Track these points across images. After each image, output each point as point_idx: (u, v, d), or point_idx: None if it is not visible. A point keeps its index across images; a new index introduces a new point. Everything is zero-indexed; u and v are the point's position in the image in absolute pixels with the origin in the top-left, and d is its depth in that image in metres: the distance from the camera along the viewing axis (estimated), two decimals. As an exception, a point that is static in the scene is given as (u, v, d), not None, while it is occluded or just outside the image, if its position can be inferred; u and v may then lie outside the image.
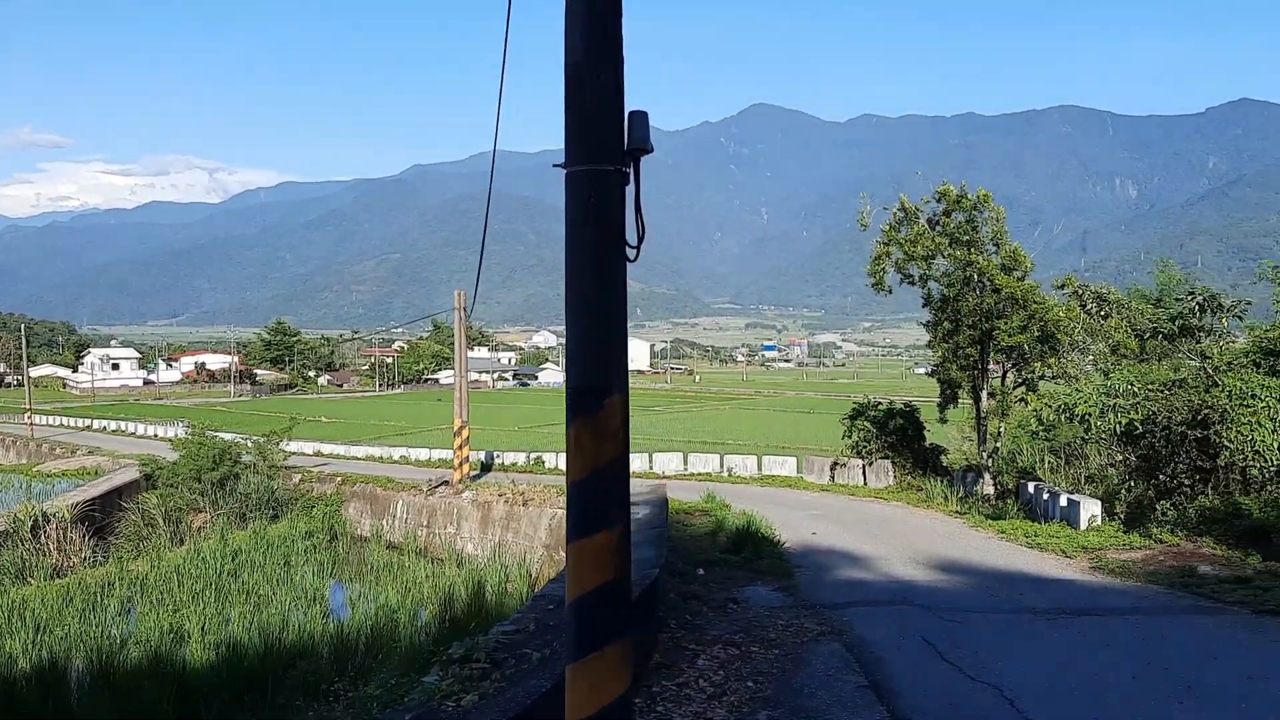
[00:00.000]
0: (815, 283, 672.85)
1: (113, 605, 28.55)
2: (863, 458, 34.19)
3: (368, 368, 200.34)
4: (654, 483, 31.63)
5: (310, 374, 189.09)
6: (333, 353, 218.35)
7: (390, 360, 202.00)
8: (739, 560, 17.91)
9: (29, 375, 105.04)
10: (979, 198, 27.96)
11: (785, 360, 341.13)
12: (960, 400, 31.14)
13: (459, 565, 34.53)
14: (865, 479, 33.61)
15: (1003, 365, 29.26)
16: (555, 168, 5.48)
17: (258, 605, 30.03)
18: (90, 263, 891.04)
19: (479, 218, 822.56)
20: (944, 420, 31.69)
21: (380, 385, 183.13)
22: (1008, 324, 26.78)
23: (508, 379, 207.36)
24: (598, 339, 5.54)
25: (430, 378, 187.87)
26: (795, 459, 38.19)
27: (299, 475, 48.01)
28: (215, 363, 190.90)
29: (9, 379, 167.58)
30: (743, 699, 8.92)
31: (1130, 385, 21.02)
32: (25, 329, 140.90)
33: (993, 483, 29.02)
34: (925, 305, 30.09)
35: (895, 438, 33.71)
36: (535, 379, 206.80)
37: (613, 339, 5.55)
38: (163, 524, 40.55)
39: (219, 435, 49.84)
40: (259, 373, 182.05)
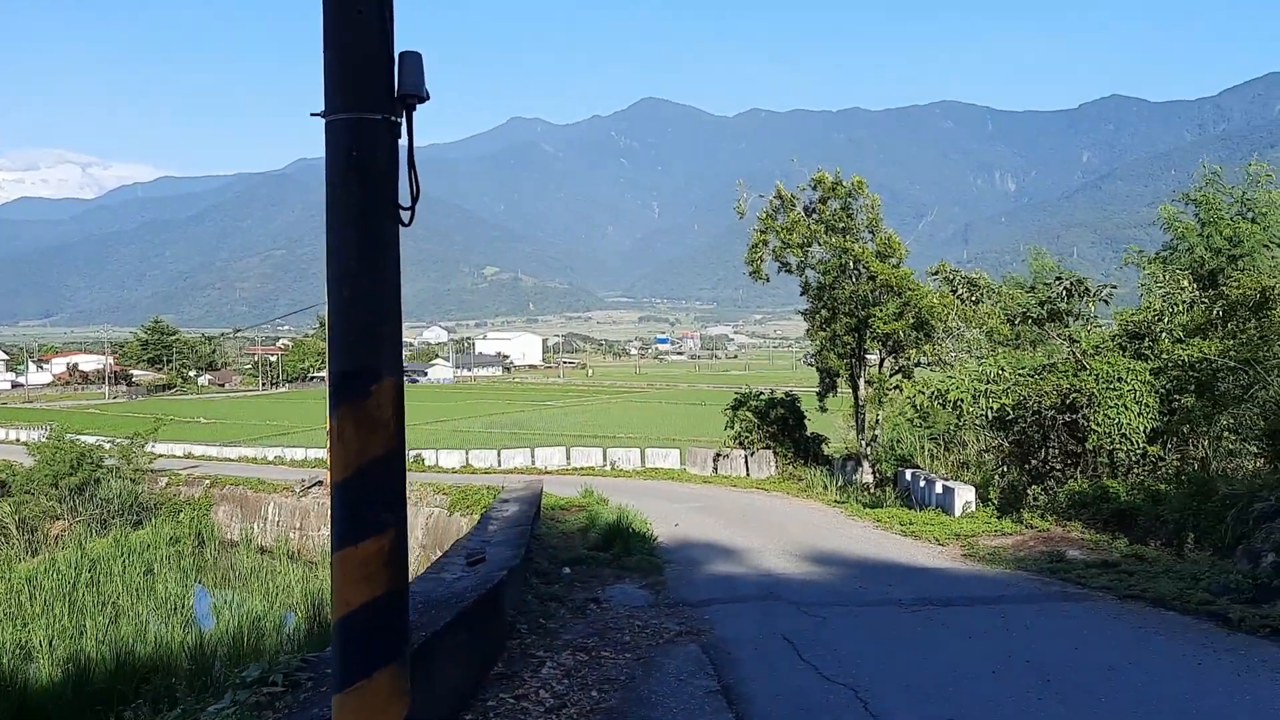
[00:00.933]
0: (707, 275, 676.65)
1: (-50, 623, 26.80)
2: (745, 448, 33.93)
3: (251, 367, 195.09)
4: (530, 478, 30.90)
5: (190, 374, 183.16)
6: (214, 352, 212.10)
7: (274, 359, 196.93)
8: (607, 557, 17.29)
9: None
10: (853, 184, 27.82)
11: (678, 353, 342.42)
12: (840, 389, 31.05)
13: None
14: (748, 470, 33.34)
15: (880, 353, 29.20)
16: (314, 116, 4.72)
17: (115, 617, 28.59)
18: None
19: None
20: (823, 409, 31.57)
21: (264, 384, 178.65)
22: (883, 311, 26.69)
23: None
24: (363, 314, 4.79)
25: (316, 376, 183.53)
26: (679, 451, 37.81)
27: (166, 479, 46.10)
28: (89, 364, 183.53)
29: None
30: (583, 711, 8.27)
31: (1001, 371, 20.96)
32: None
33: (872, 471, 28.96)
34: (803, 294, 29.90)
35: (776, 428, 33.51)
36: (425, 375, 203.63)
37: (382, 314, 4.80)
38: (16, 533, 38.47)
39: (80, 439, 47.58)
40: (136, 373, 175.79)
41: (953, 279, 22.32)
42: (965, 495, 21.45)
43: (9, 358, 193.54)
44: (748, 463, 33.45)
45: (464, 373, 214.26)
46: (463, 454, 43.59)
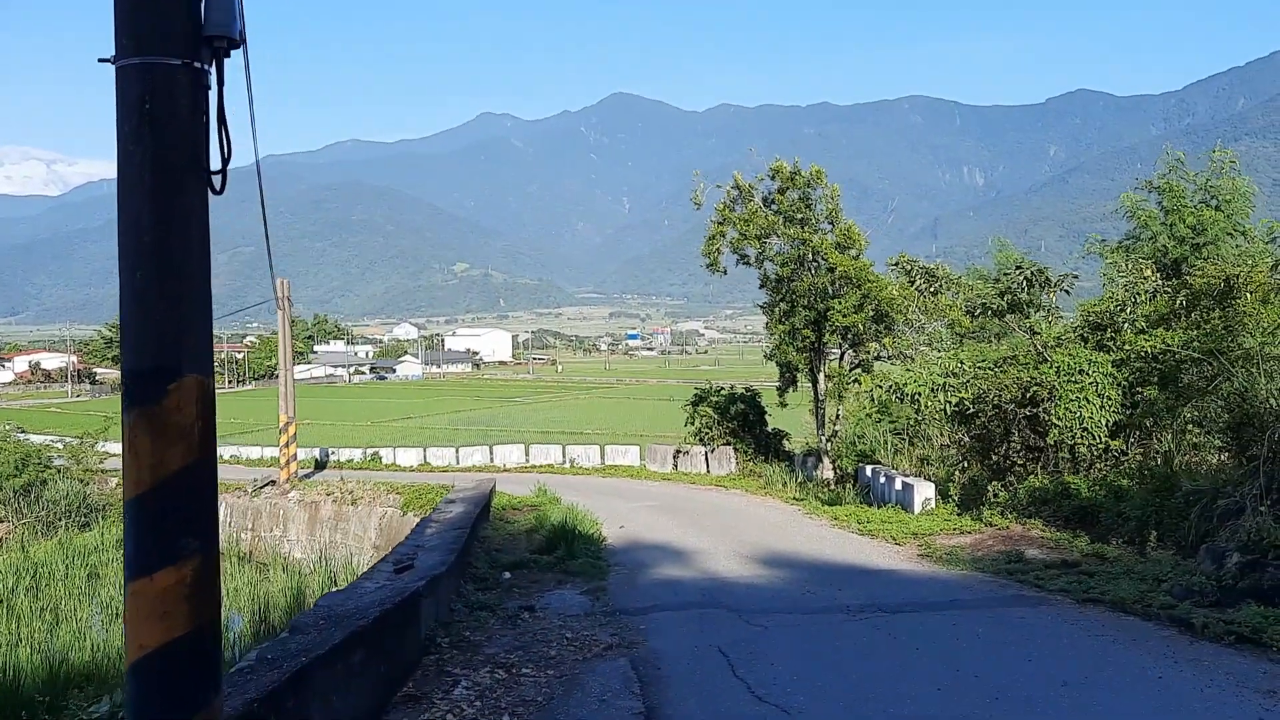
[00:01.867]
0: (678, 271, 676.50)
1: (-128, 635, 25.70)
2: (705, 445, 33.28)
3: (218, 364, 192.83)
4: (483, 477, 30.15)
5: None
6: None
7: (241, 356, 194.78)
8: (551, 560, 16.56)
9: None
10: (812, 174, 27.19)
11: (649, 349, 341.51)
12: (800, 383, 30.43)
13: (284, 570, 32.55)
14: (708, 466, 32.70)
15: (840, 346, 28.60)
16: (101, 62, 3.93)
17: (54, 623, 27.53)
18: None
19: (335, 209, 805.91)
20: (784, 404, 30.95)
21: (230, 381, 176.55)
22: (843, 304, 26.09)
23: (365, 373, 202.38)
24: (160, 300, 4.00)
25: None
26: (639, 448, 37.10)
27: (116, 479, 44.87)
28: (52, 362, 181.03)
29: None
30: (491, 738, 7.55)
31: (961, 364, 20.38)
32: None
33: (832, 467, 28.37)
34: (762, 286, 29.26)
35: (737, 424, 32.87)
36: (394, 372, 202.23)
37: (183, 300, 4.01)
38: (-46, 535, 37.31)
39: (27, 438, 46.30)
40: (100, 372, 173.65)
41: (909, 269, 21.71)
42: (925, 492, 20.87)
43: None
44: (708, 459, 32.80)
45: (433, 369, 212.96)
46: (420, 452, 42.72)
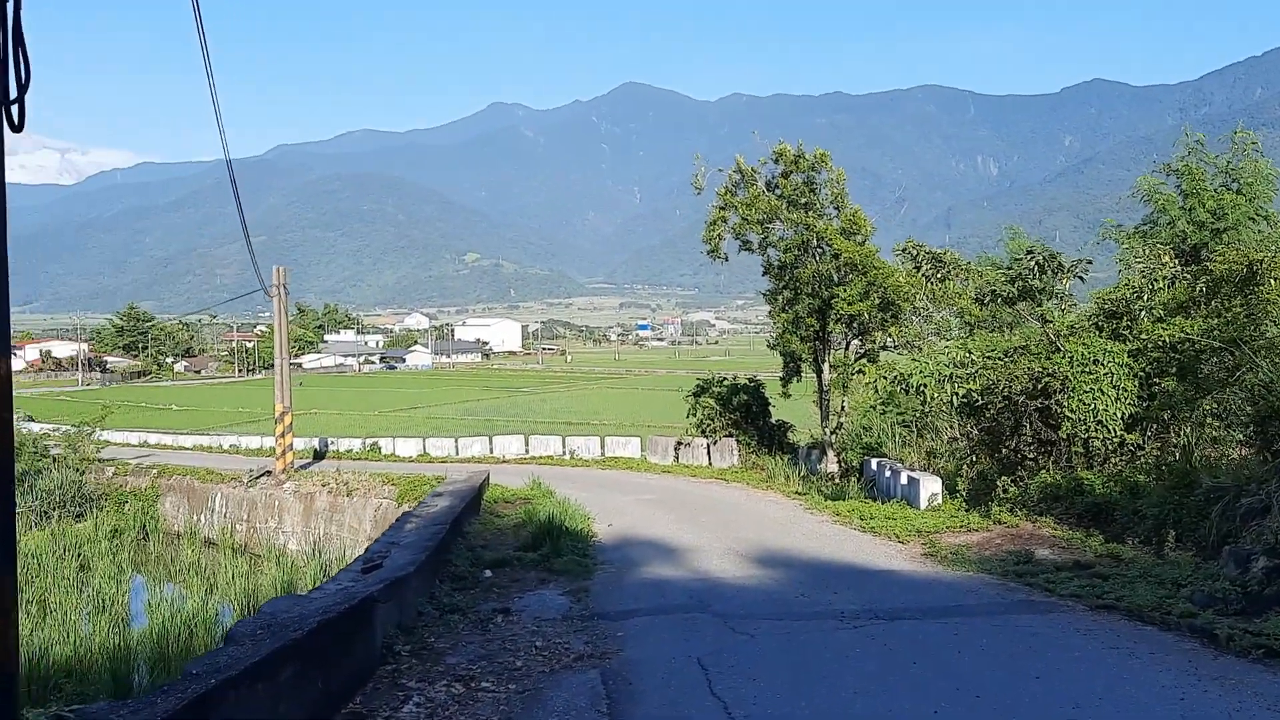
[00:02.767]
0: (689, 261, 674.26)
1: None
2: (707, 436, 32.46)
3: (228, 353, 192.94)
4: (477, 468, 29.41)
5: (167, 360, 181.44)
6: (192, 338, 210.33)
7: (251, 345, 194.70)
8: (535, 558, 15.75)
9: None
10: (816, 157, 26.29)
11: (659, 339, 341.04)
12: (805, 374, 29.57)
13: (277, 562, 31.96)
14: (710, 459, 31.88)
15: (845, 335, 27.73)
16: None
17: (41, 616, 26.91)
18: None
19: (347, 198, 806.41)
20: (787, 395, 30.09)
21: (240, 371, 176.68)
22: (848, 291, 25.18)
23: (374, 362, 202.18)
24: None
25: (293, 362, 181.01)
26: (640, 439, 36.31)
27: (113, 468, 44.33)
28: (63, 350, 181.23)
29: None
30: (431, 767, 6.76)
31: (969, 354, 19.50)
32: None
33: (836, 460, 27.52)
34: (765, 274, 28.38)
35: (740, 415, 32.03)
36: (403, 362, 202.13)
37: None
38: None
39: (29, 426, 45.78)
40: (111, 360, 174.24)
41: (915, 254, 20.78)
42: (931, 487, 20.02)
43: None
44: (710, 451, 31.97)
45: (442, 359, 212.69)
46: (419, 442, 42.01)
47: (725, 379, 34.52)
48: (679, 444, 33.19)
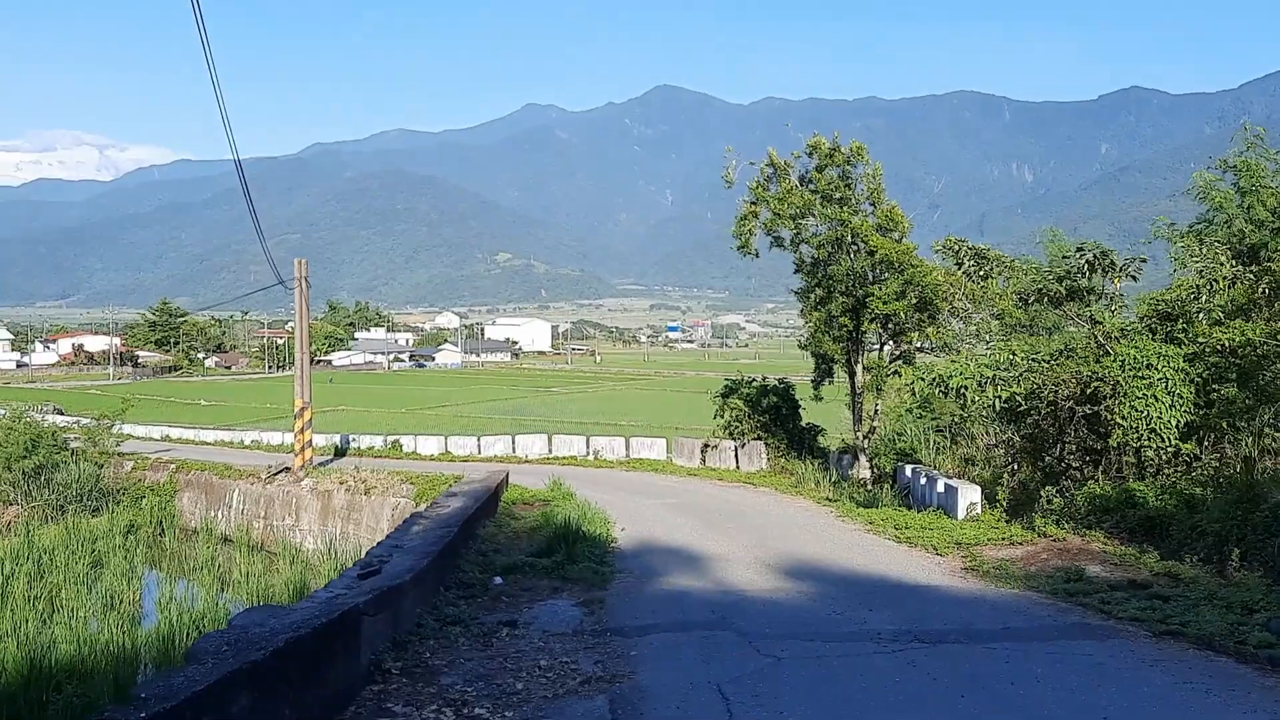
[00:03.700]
0: (720, 264, 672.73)
1: None
2: (734, 439, 31.44)
3: (259, 349, 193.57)
4: (496, 468, 28.55)
5: (198, 356, 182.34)
6: (224, 334, 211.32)
7: (282, 341, 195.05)
8: (549, 564, 14.85)
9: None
10: (852, 150, 25.25)
11: (689, 341, 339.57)
12: (837, 376, 28.52)
13: (292, 562, 31.27)
14: (737, 462, 30.89)
15: (880, 336, 26.66)
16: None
17: (49, 613, 26.28)
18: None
19: (380, 197, 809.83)
20: (818, 398, 29.04)
21: (270, 367, 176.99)
22: (883, 290, 24.12)
23: (404, 360, 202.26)
24: None
25: (323, 359, 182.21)
26: (665, 441, 35.35)
27: (131, 463, 43.77)
28: (96, 344, 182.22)
29: None
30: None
31: (1012, 356, 18.44)
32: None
33: (869, 466, 26.45)
34: (796, 271, 27.34)
35: (769, 417, 30.98)
36: (432, 360, 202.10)
37: None
38: (-38, 518, 36.31)
39: (48, 419, 45.26)
40: (143, 355, 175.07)
41: (958, 249, 19.71)
42: (970, 496, 18.97)
43: (14, 337, 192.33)
44: (737, 455, 30.97)
45: (472, 358, 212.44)
46: (441, 440, 41.21)
47: (754, 380, 33.48)
48: (706, 446, 32.22)
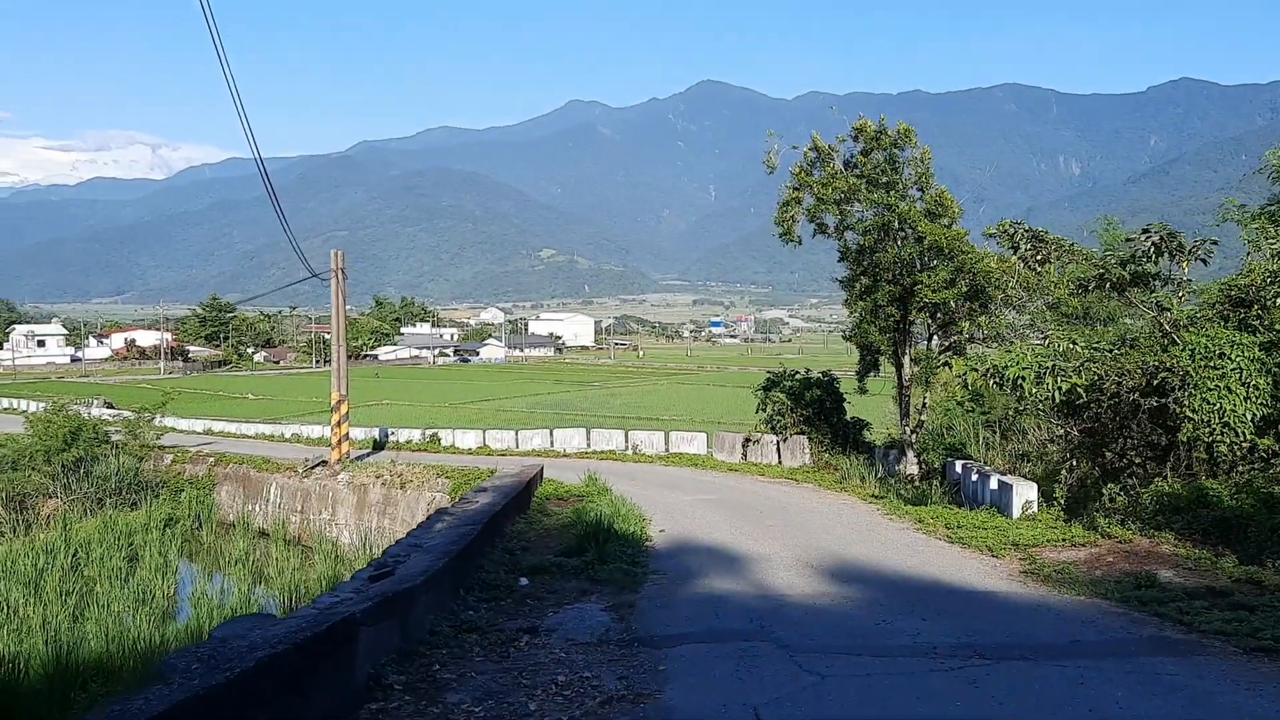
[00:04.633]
0: (763, 259, 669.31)
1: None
2: (777, 433, 30.44)
3: (306, 344, 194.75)
4: (530, 462, 27.82)
5: (248, 350, 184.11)
6: (273, 329, 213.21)
7: (329, 336, 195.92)
8: (578, 564, 14.02)
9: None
10: (900, 132, 24.15)
11: (732, 336, 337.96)
12: (883, 368, 27.45)
13: (326, 556, 30.78)
14: (779, 457, 29.91)
15: (928, 326, 25.54)
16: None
17: (81, 608, 25.90)
18: (32, 240, 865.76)
19: (428, 195, 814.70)
20: (863, 390, 27.97)
21: (316, 361, 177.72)
22: (932, 278, 23.02)
23: (448, 355, 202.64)
24: None
25: (370, 354, 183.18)
26: (706, 435, 34.42)
27: (171, 456, 43.52)
28: (147, 339, 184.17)
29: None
30: None
31: (1073, 344, 17.33)
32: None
33: (916, 461, 25.39)
34: (841, 259, 26.28)
35: (812, 411, 29.95)
36: (476, 355, 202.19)
37: None
38: (3, 511, 36.09)
39: (81, 411, 45.00)
40: (193, 349, 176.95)
41: (1013, 232, 18.57)
42: (1026, 493, 17.91)
43: (68, 333, 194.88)
44: (779, 449, 29.97)
45: (515, 353, 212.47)
46: (480, 434, 40.56)
47: (797, 373, 32.46)
48: (747, 441, 31.25)
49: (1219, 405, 15.30)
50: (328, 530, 34.34)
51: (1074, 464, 18.93)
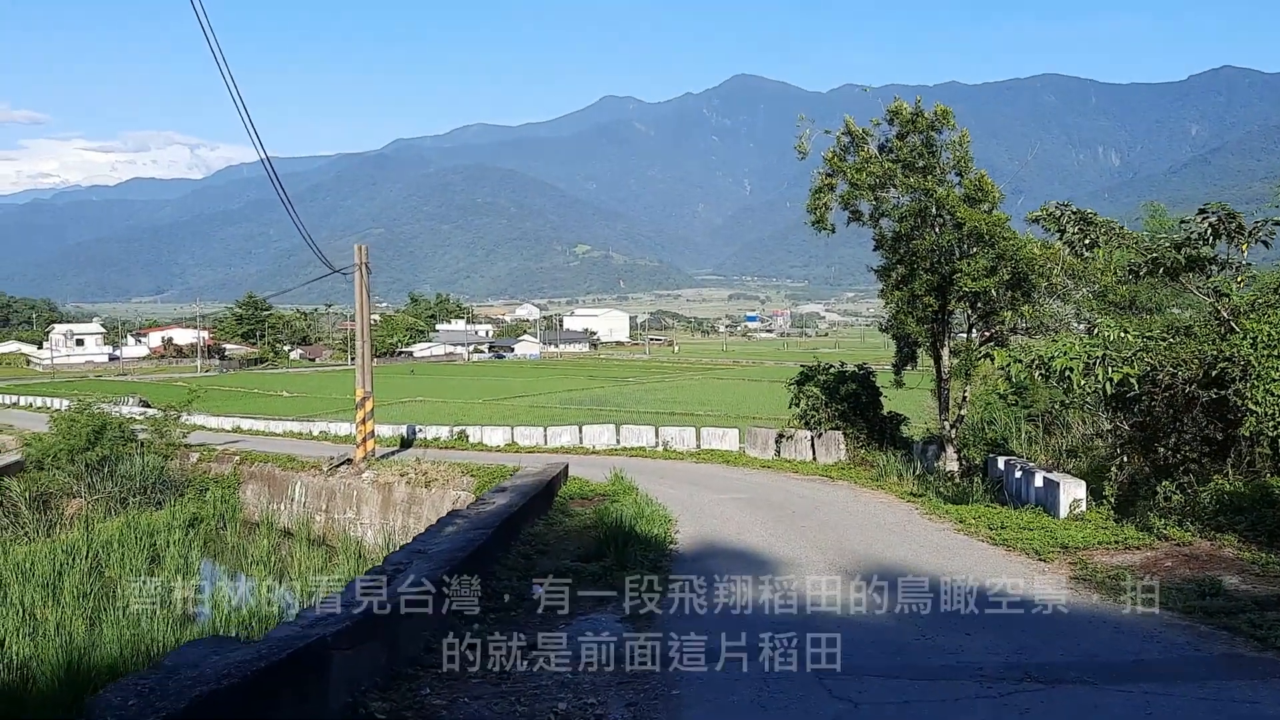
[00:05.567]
0: (799, 253, 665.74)
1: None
2: (811, 429, 29.48)
3: (341, 341, 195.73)
4: (555, 459, 27.12)
5: (284, 348, 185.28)
6: (309, 326, 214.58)
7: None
8: (596, 570, 13.22)
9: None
10: (937, 114, 23.15)
11: (768, 330, 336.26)
12: (920, 360, 26.44)
13: (349, 555, 30.27)
14: (814, 453, 28.94)
15: (968, 316, 24.51)
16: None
17: (99, 610, 25.43)
18: (74, 240, 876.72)
19: (462, 192, 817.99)
20: (899, 383, 26.97)
21: (352, 359, 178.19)
22: (972, 266, 22.01)
23: (483, 351, 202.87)
24: None
25: (404, 351, 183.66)
26: (738, 431, 33.53)
27: (197, 454, 43.15)
28: (184, 338, 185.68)
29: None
30: None
31: (1124, 333, 16.29)
32: (3, 306, 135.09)
33: (957, 457, 24.37)
34: (877, 248, 25.29)
35: (847, 405, 28.96)
36: (511, 351, 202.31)
37: None
38: (26, 511, 35.76)
39: (110, 409, 44.68)
40: (229, 348, 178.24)
41: (1060, 216, 17.53)
42: (1074, 491, 16.90)
43: (106, 331, 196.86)
44: (814, 445, 29.00)
45: (550, 349, 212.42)
46: (508, 431, 39.87)
47: (831, 367, 31.47)
48: (780, 437, 30.32)
49: (1284, 397, 14.22)
50: (352, 529, 33.81)
51: (1124, 460, 17.88)
